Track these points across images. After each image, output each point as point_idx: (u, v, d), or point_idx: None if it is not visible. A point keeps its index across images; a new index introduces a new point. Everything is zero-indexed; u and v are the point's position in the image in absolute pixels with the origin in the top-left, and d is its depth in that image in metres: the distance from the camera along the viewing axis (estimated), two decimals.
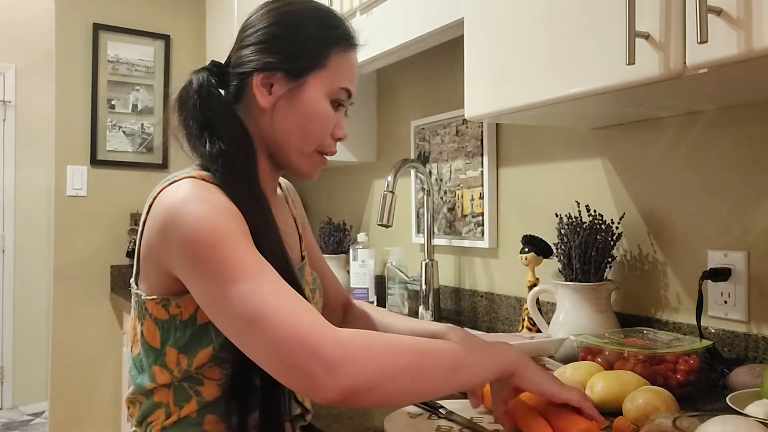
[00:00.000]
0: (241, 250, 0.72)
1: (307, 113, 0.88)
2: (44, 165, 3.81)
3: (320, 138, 0.90)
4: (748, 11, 0.75)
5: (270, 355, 0.66)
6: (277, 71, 0.87)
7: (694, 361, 0.99)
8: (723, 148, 1.15)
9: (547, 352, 1.14)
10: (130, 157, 2.80)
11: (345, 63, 0.90)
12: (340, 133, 0.92)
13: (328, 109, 0.89)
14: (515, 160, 1.62)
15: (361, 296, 2.02)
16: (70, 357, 2.70)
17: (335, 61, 0.89)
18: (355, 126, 2.18)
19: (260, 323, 0.66)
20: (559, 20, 1.02)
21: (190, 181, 0.78)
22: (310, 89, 0.87)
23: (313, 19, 0.90)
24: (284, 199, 1.06)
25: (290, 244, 0.97)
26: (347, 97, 0.92)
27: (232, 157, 0.82)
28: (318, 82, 0.88)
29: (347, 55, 0.90)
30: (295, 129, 0.88)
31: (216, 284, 0.70)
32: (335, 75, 0.89)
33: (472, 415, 0.87)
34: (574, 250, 1.24)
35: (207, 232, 0.72)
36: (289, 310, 0.67)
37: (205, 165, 0.82)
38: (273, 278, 0.71)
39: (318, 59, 0.88)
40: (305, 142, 0.89)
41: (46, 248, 3.83)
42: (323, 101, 0.88)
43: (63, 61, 2.70)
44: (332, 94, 0.89)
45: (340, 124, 0.92)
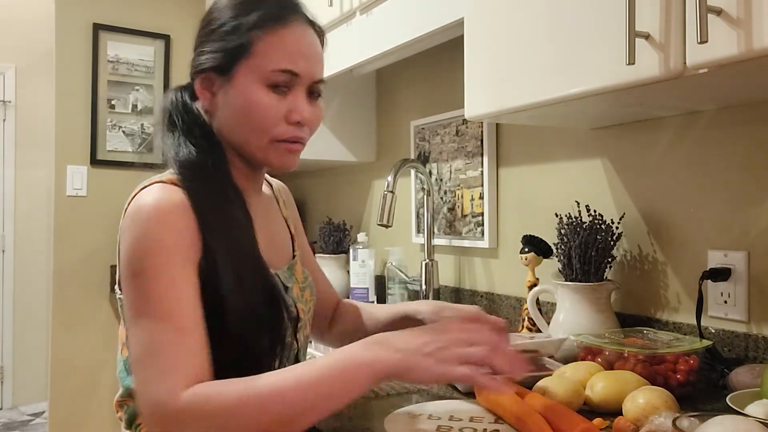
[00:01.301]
0: (162, 285, 0.75)
1: (243, 105, 0.85)
2: (44, 165, 3.81)
3: (267, 127, 0.86)
4: (748, 11, 0.75)
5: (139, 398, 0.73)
6: (208, 71, 0.88)
7: (694, 361, 0.99)
8: (723, 148, 1.15)
9: (547, 352, 1.14)
10: (130, 157, 2.80)
11: (275, 43, 0.85)
12: (296, 116, 0.86)
13: (265, 97, 0.85)
14: (515, 160, 1.62)
15: (361, 296, 2.02)
16: (70, 357, 2.70)
17: (261, 46, 0.84)
18: (355, 126, 2.18)
19: (135, 368, 0.74)
20: (559, 20, 1.02)
21: (158, 188, 0.81)
22: (240, 81, 0.85)
23: (230, 9, 0.88)
24: (274, 199, 1.06)
25: (277, 243, 0.99)
26: (292, 77, 0.85)
27: (201, 162, 0.85)
28: (247, 72, 0.85)
29: (276, 35, 0.85)
30: (239, 124, 0.87)
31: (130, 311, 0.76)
32: (264, 59, 0.84)
33: (472, 416, 0.88)
34: (574, 250, 1.24)
35: (138, 258, 0.76)
36: (155, 369, 0.71)
37: (177, 171, 0.85)
38: (165, 329, 0.73)
39: (241, 48, 0.85)
40: (254, 134, 0.86)
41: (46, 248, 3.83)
42: (257, 89, 0.85)
43: (63, 61, 2.70)
44: (266, 80, 0.84)
45: (296, 107, 0.86)
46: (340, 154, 2.17)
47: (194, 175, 0.84)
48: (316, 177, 2.58)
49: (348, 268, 2.11)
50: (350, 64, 1.69)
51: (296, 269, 0.99)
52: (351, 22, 1.68)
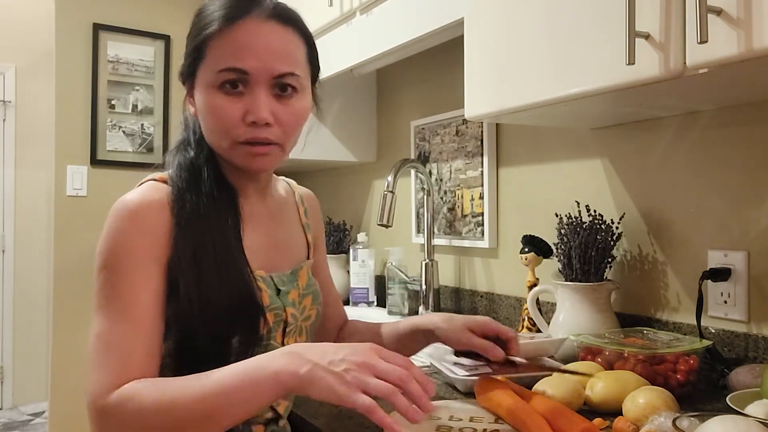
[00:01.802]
0: (118, 284, 0.79)
1: (203, 109, 0.86)
2: (44, 165, 3.81)
3: (225, 131, 0.84)
4: (748, 11, 0.75)
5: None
6: (184, 77, 0.90)
7: (694, 361, 0.99)
8: (723, 148, 1.15)
9: (547, 352, 1.14)
10: (130, 157, 2.80)
11: (222, 44, 0.83)
12: (250, 117, 0.83)
13: (216, 99, 0.84)
14: (515, 160, 1.62)
15: (361, 296, 2.02)
16: (70, 357, 2.70)
17: (212, 47, 0.84)
18: (356, 126, 2.18)
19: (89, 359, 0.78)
20: (559, 20, 1.02)
21: (145, 186, 0.85)
22: (199, 85, 0.86)
23: (198, 15, 0.88)
24: (294, 204, 1.06)
25: (282, 246, 0.98)
26: (242, 75, 0.82)
27: (190, 167, 0.88)
28: (202, 76, 0.86)
29: (224, 35, 0.83)
30: (205, 128, 0.88)
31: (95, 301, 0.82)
32: (213, 61, 0.84)
33: (472, 416, 0.87)
34: (574, 250, 1.24)
35: (104, 254, 0.81)
36: (98, 363, 0.76)
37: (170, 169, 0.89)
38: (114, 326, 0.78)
39: (197, 53, 0.85)
40: (216, 138, 0.87)
41: (46, 248, 3.83)
42: (211, 92, 0.84)
43: (63, 61, 2.70)
44: (216, 81, 0.83)
45: (252, 107, 0.83)
46: (340, 154, 2.17)
47: (182, 175, 0.86)
48: (316, 177, 2.58)
49: (348, 268, 2.11)
50: (350, 64, 1.69)
51: (300, 275, 0.98)
52: (351, 22, 1.68)
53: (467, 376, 1.04)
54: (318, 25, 1.76)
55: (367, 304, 2.02)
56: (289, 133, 0.88)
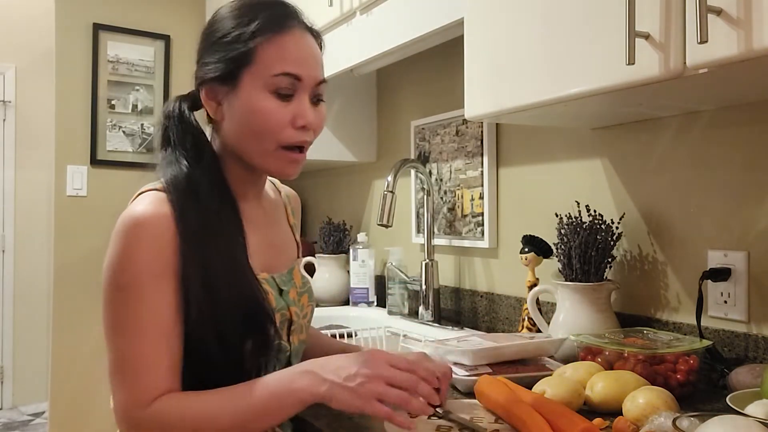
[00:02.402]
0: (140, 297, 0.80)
1: (248, 112, 0.87)
2: (44, 165, 3.81)
3: (273, 134, 0.87)
4: (748, 11, 0.75)
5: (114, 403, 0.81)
6: (213, 82, 0.89)
7: (694, 361, 0.99)
8: (723, 148, 1.15)
9: (547, 352, 1.14)
10: (130, 157, 2.80)
11: (275, 49, 0.87)
12: (301, 121, 0.88)
13: (269, 103, 0.86)
14: (515, 160, 1.62)
15: (361, 296, 2.02)
16: (70, 357, 2.70)
17: (263, 52, 0.86)
18: (355, 126, 2.18)
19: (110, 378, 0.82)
20: (559, 20, 1.02)
21: (149, 198, 0.85)
22: (245, 88, 0.87)
23: (230, 19, 0.89)
24: (281, 204, 1.08)
25: (278, 246, 1.01)
26: (295, 81, 0.87)
27: (189, 174, 0.87)
28: (251, 79, 0.87)
29: (276, 41, 0.87)
30: (244, 131, 0.89)
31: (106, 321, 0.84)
32: (266, 65, 0.86)
33: (472, 415, 0.87)
34: (574, 250, 1.24)
35: (116, 272, 0.82)
36: (123, 381, 0.80)
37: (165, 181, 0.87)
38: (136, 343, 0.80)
39: (244, 57, 0.87)
40: (259, 141, 0.88)
41: (46, 248, 3.83)
42: (261, 95, 0.86)
43: (63, 61, 2.70)
44: (270, 86, 0.86)
45: (301, 112, 0.88)
46: (340, 154, 2.17)
47: (181, 189, 0.86)
48: (316, 177, 2.58)
49: (348, 268, 2.11)
50: (350, 64, 1.69)
51: (295, 273, 1.01)
52: (351, 22, 1.68)
53: (467, 376, 1.04)
54: (318, 25, 1.74)
55: (367, 304, 2.02)
56: (316, 137, 0.93)
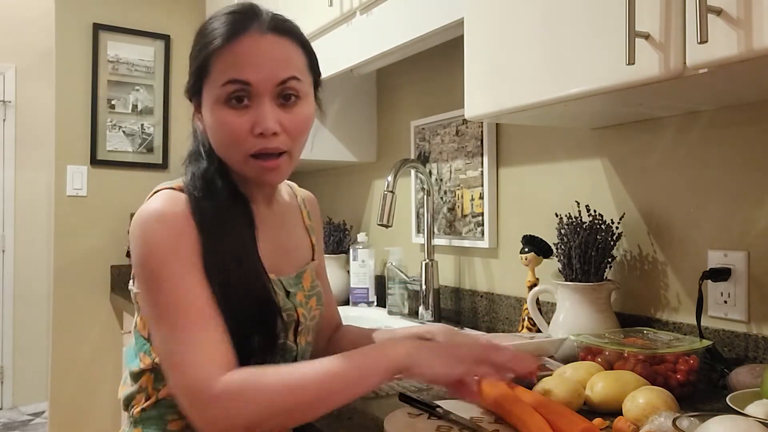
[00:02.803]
0: (173, 282, 0.80)
1: (211, 126, 0.88)
2: (44, 165, 3.82)
3: (235, 144, 0.86)
4: (748, 11, 0.75)
5: (176, 390, 0.79)
6: (191, 94, 0.91)
7: (694, 361, 0.99)
8: (723, 148, 1.15)
9: (547, 352, 1.14)
10: (130, 157, 2.80)
11: (223, 58, 0.85)
12: (259, 128, 0.84)
13: (223, 114, 0.85)
14: (515, 160, 1.62)
15: (361, 296, 2.02)
16: (70, 357, 2.70)
17: (214, 64, 0.85)
18: (355, 126, 2.18)
19: (170, 361, 0.79)
20: (559, 20, 1.02)
21: (164, 195, 0.86)
22: (205, 101, 0.88)
23: (200, 33, 0.90)
24: (297, 208, 1.09)
25: (288, 250, 1.02)
26: (244, 86, 0.84)
27: (204, 177, 0.90)
28: (207, 92, 0.87)
29: (225, 50, 0.85)
30: (215, 143, 0.90)
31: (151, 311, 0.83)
32: (216, 76, 0.85)
33: (472, 415, 0.87)
34: (574, 250, 1.24)
35: (148, 262, 0.81)
36: (185, 360, 0.77)
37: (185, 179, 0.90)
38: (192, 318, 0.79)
39: (201, 70, 0.87)
40: (228, 153, 0.89)
41: (46, 248, 3.83)
42: (216, 107, 0.86)
43: (63, 61, 2.70)
44: (221, 96, 0.85)
45: (259, 119, 0.84)
46: (340, 154, 2.17)
47: (198, 186, 0.88)
48: (316, 177, 2.58)
49: (348, 268, 2.11)
50: (350, 64, 1.69)
51: (305, 277, 1.01)
52: (351, 22, 1.68)
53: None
54: (318, 25, 1.76)
55: (367, 304, 2.02)
56: (296, 139, 0.89)
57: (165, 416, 0.89)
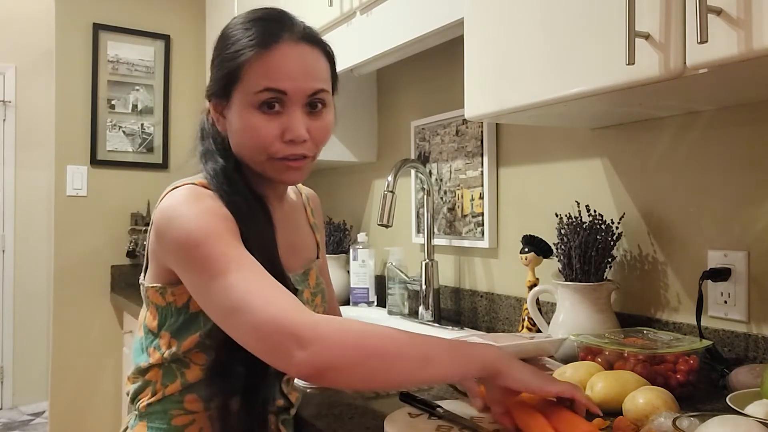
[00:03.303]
0: (225, 246, 0.79)
1: (239, 129, 0.89)
2: (44, 165, 3.82)
3: (262, 147, 0.88)
4: (748, 11, 0.75)
5: (253, 337, 0.73)
6: (215, 96, 0.92)
7: (694, 361, 0.99)
8: (723, 148, 1.15)
9: (547, 352, 1.14)
10: (130, 157, 2.81)
11: (259, 67, 0.87)
12: (289, 135, 0.88)
13: (255, 119, 0.87)
14: (515, 160, 1.62)
15: (361, 296, 2.02)
16: (70, 357, 2.70)
17: (249, 69, 0.87)
18: (355, 126, 2.18)
19: (244, 309, 0.73)
20: (559, 20, 1.02)
21: (188, 188, 0.87)
22: (235, 105, 0.89)
23: (229, 36, 0.91)
24: (302, 206, 1.10)
25: (296, 247, 1.03)
26: (280, 95, 0.87)
27: (225, 174, 0.90)
28: (239, 96, 0.88)
29: (260, 57, 0.87)
30: (239, 144, 0.91)
31: (204, 278, 0.78)
32: (251, 82, 0.87)
33: (472, 415, 0.87)
34: (574, 250, 1.24)
35: (193, 231, 0.80)
36: (268, 296, 0.74)
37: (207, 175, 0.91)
38: (254, 269, 0.78)
39: (233, 75, 0.88)
40: (252, 154, 0.90)
41: (46, 248, 3.83)
42: (248, 112, 0.87)
43: (63, 61, 2.70)
44: (255, 102, 0.87)
45: (290, 126, 0.87)
46: (340, 154, 2.17)
47: (223, 183, 0.88)
48: (316, 177, 2.58)
49: (348, 268, 2.11)
50: (350, 64, 1.69)
51: (311, 275, 1.03)
52: (351, 22, 1.68)
53: None
54: (318, 25, 1.75)
55: (367, 304, 2.02)
56: (320, 145, 0.93)
57: (170, 411, 0.90)
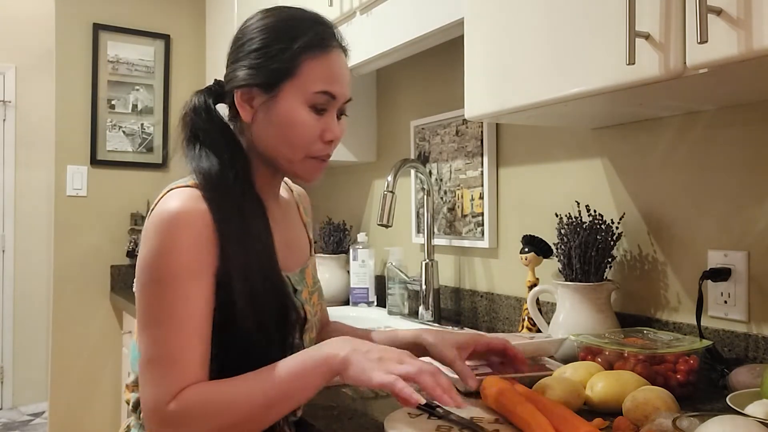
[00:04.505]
0: (173, 293, 0.80)
1: (285, 123, 0.89)
2: (44, 165, 3.82)
3: (305, 145, 0.90)
4: (748, 11, 0.75)
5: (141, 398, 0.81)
6: (253, 86, 0.90)
7: (694, 361, 0.99)
8: (723, 148, 1.15)
9: (547, 352, 1.14)
10: (130, 157, 2.80)
11: (318, 68, 0.89)
12: (330, 135, 0.92)
13: (307, 116, 0.89)
14: (515, 160, 1.62)
15: (361, 296, 2.02)
16: (70, 357, 2.70)
17: (307, 68, 0.88)
18: (355, 126, 2.18)
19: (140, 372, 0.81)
20: (559, 20, 1.02)
21: (182, 194, 0.84)
22: (285, 99, 0.89)
23: (281, 30, 0.91)
24: (294, 203, 1.10)
25: (293, 246, 1.02)
26: (330, 99, 0.91)
27: (222, 173, 0.88)
28: (292, 91, 0.89)
29: (321, 59, 0.90)
30: (276, 139, 0.91)
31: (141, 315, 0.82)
32: (308, 81, 0.89)
33: (472, 415, 0.87)
34: (574, 250, 1.24)
35: (156, 267, 0.81)
36: (156, 375, 0.79)
37: (198, 181, 0.88)
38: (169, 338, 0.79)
39: (288, 69, 0.88)
40: (290, 150, 0.91)
41: (46, 248, 3.83)
42: (300, 109, 0.89)
43: (63, 61, 2.70)
44: (309, 101, 0.89)
45: (330, 127, 0.92)
46: (340, 154, 2.17)
47: (215, 186, 0.87)
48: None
49: (348, 268, 2.11)
50: (350, 64, 1.68)
51: (307, 273, 1.02)
52: (351, 22, 1.68)
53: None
54: None
55: (367, 304, 2.02)
56: (335, 147, 0.97)
57: None
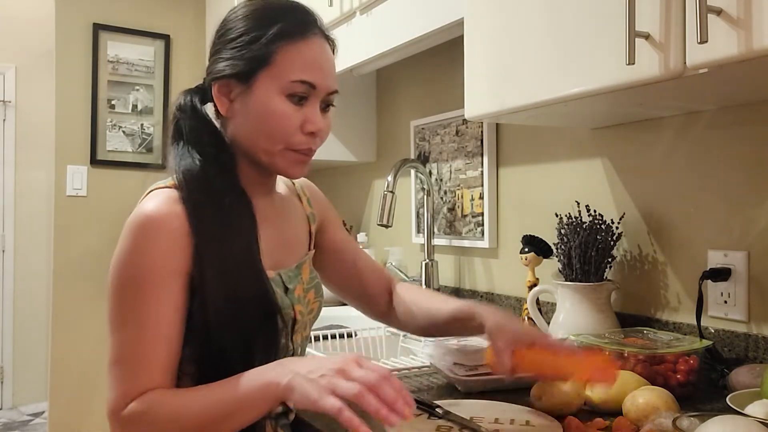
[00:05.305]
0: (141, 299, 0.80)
1: (261, 113, 0.87)
2: (44, 165, 3.81)
3: (283, 136, 0.88)
4: (748, 11, 0.75)
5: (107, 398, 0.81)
6: (229, 78, 0.89)
7: (694, 361, 0.99)
8: (723, 148, 1.15)
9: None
10: (130, 157, 2.80)
11: (295, 55, 0.87)
12: (311, 127, 0.88)
13: (283, 106, 0.87)
14: (515, 160, 1.62)
15: None
16: (70, 357, 2.70)
17: (282, 56, 0.86)
18: (355, 126, 2.18)
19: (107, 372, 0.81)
20: (559, 20, 1.02)
21: (160, 196, 0.84)
22: (260, 89, 0.87)
23: (251, 19, 0.89)
24: (295, 197, 1.07)
25: (290, 242, 1.00)
26: (310, 88, 0.87)
27: (203, 172, 0.87)
28: (267, 80, 0.87)
29: (298, 46, 0.87)
30: (254, 130, 0.89)
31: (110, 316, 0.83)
32: (285, 69, 0.86)
33: (472, 415, 0.88)
34: (574, 250, 1.24)
35: (125, 270, 0.81)
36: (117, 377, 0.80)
37: (177, 181, 0.87)
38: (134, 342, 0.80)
39: (263, 57, 0.86)
40: (268, 142, 0.88)
41: (46, 248, 3.83)
42: (276, 98, 0.86)
43: (63, 61, 2.70)
44: (286, 90, 0.86)
45: (311, 118, 0.88)
46: (340, 154, 2.17)
47: (195, 186, 0.86)
48: (316, 177, 2.57)
49: None
50: (350, 64, 1.69)
51: (304, 269, 1.00)
52: (351, 22, 1.68)
53: (467, 376, 1.04)
54: None
55: None
56: (322, 143, 0.93)
57: None
